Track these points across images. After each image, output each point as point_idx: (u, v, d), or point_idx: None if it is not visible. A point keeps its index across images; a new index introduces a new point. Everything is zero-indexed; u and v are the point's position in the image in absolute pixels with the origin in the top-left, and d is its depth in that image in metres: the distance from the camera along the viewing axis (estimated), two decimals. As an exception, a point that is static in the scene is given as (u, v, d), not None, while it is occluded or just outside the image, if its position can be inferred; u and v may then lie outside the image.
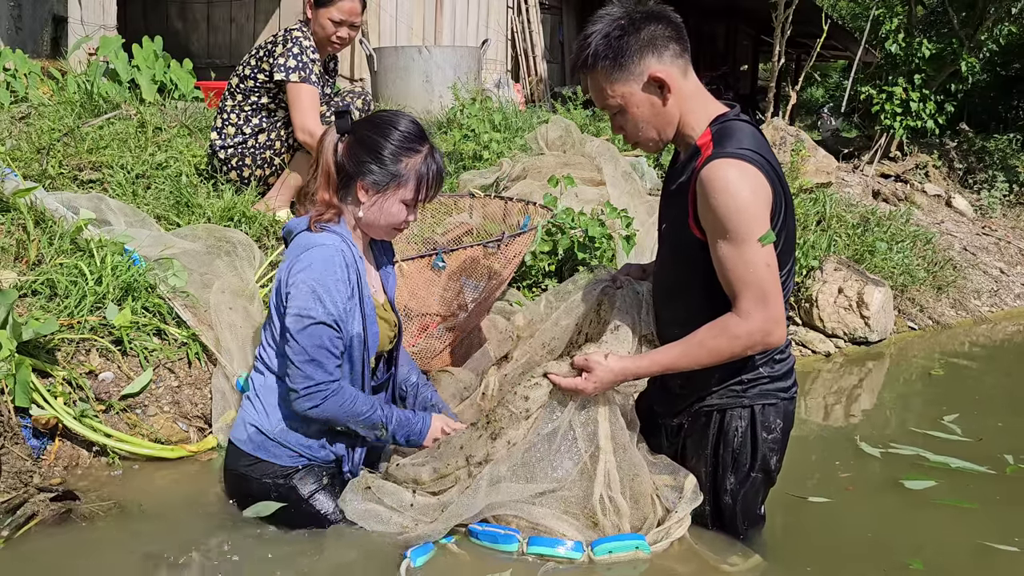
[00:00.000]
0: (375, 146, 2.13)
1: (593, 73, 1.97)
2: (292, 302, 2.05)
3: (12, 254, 2.81)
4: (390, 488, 2.10)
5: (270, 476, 2.15)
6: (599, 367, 1.97)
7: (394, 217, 2.18)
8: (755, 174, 1.84)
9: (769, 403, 2.06)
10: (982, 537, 2.44)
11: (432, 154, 2.18)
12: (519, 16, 9.71)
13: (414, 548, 1.96)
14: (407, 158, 2.14)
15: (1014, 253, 7.87)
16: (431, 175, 2.17)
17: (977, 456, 3.09)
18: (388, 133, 2.13)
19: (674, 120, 1.98)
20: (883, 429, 3.69)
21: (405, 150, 2.14)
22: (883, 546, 2.37)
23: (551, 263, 3.79)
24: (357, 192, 2.15)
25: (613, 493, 2.02)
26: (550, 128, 5.07)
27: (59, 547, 2.03)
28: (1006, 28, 9.97)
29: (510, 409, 2.04)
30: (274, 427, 2.15)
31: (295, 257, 2.10)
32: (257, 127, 3.62)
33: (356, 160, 2.14)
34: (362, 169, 2.13)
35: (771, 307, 1.87)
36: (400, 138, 2.14)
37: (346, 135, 2.18)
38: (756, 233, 1.82)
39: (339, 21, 3.49)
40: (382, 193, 2.14)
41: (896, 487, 2.82)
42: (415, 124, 2.19)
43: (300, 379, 2.05)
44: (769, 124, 7.31)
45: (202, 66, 7.02)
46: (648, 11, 1.95)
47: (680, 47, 1.95)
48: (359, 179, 2.14)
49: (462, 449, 2.07)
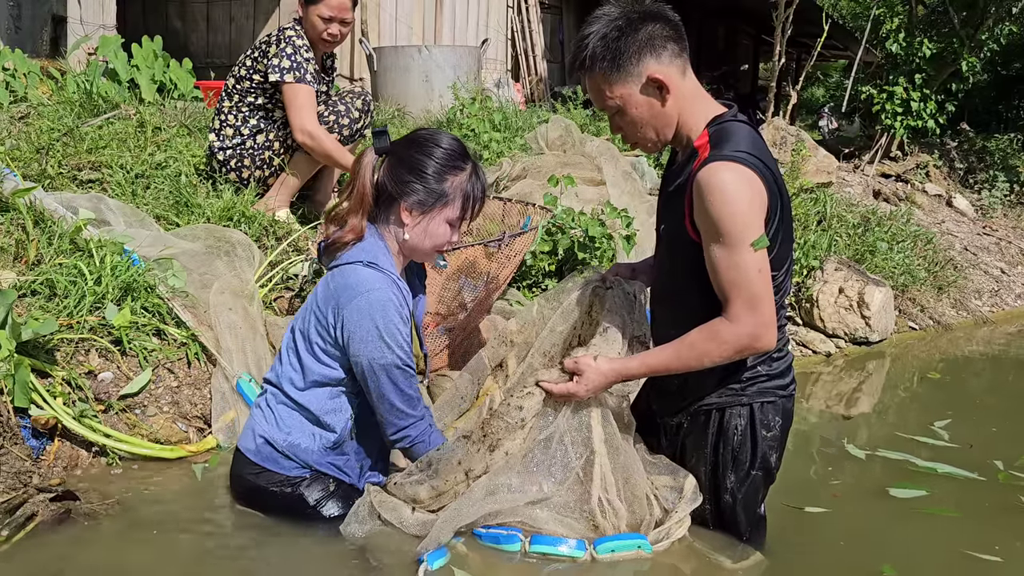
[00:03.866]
0: (419, 165, 2.07)
1: (591, 75, 1.96)
2: (361, 350, 2.02)
3: (11, 254, 2.81)
4: (390, 504, 2.06)
5: (277, 484, 2.14)
6: (589, 370, 1.97)
7: (439, 238, 2.12)
8: (751, 177, 1.83)
9: (768, 401, 2.05)
10: (964, 546, 2.40)
11: (476, 171, 2.13)
12: (519, 16, 9.70)
13: (430, 552, 1.94)
14: (452, 176, 2.08)
15: (1015, 253, 7.86)
16: (476, 192, 2.12)
17: (969, 462, 3.06)
18: (431, 151, 2.08)
19: (673, 121, 1.97)
20: (876, 433, 3.67)
21: (450, 168, 2.08)
22: (858, 553, 2.34)
23: (551, 263, 3.78)
24: (400, 214, 2.09)
25: (610, 496, 2.01)
26: (550, 128, 5.07)
27: (59, 547, 2.03)
28: (1007, 28, 9.96)
29: (506, 420, 2.02)
30: (283, 441, 2.13)
31: (348, 299, 2.03)
32: (255, 128, 3.61)
33: (399, 180, 2.08)
34: (406, 189, 2.08)
35: (761, 312, 1.86)
36: (444, 156, 2.08)
37: (385, 155, 2.13)
38: (749, 238, 1.82)
39: (328, 18, 3.48)
40: (427, 214, 2.09)
41: (882, 495, 2.78)
42: (457, 142, 2.14)
43: (388, 427, 2.09)
44: (770, 124, 7.30)
45: (202, 66, 7.01)
46: (645, 11, 1.93)
47: (678, 47, 1.94)
48: (402, 200, 2.08)
49: (460, 464, 2.03)
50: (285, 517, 2.15)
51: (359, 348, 2.02)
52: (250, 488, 2.19)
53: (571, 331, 2.21)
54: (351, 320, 2.01)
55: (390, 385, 2.04)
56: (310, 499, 2.13)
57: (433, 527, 1.97)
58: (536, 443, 2.03)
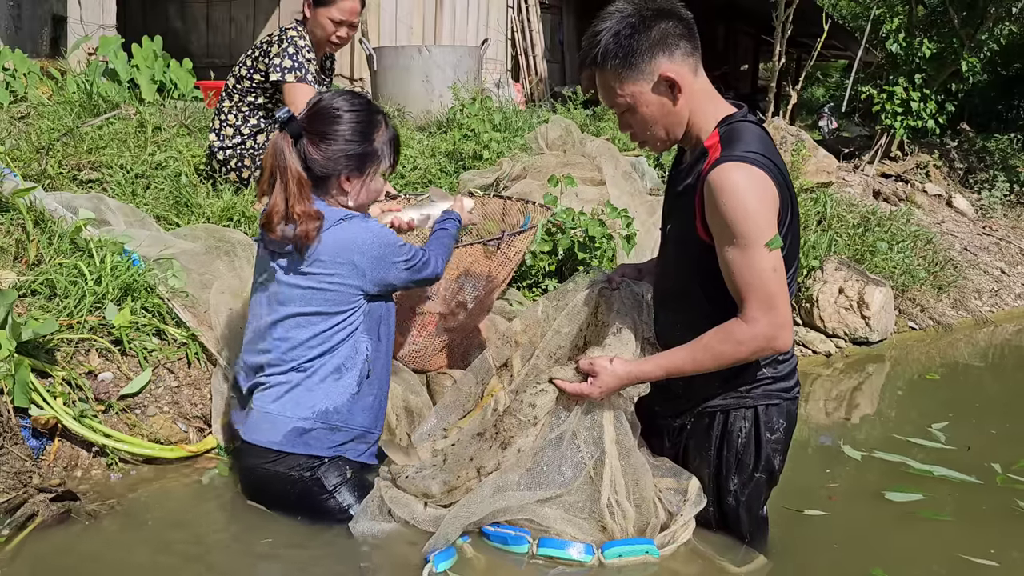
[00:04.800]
0: (342, 135, 2.11)
1: (602, 71, 1.93)
2: (387, 271, 2.14)
3: (11, 254, 2.81)
4: (402, 499, 2.07)
5: (296, 469, 2.12)
6: (604, 371, 1.95)
7: (377, 193, 2.24)
8: (763, 178, 1.82)
9: (772, 403, 2.04)
10: (960, 550, 2.38)
11: (385, 118, 2.21)
12: (519, 16, 9.70)
13: (437, 552, 1.94)
14: (376, 133, 2.16)
15: (1015, 253, 7.86)
16: (394, 134, 2.22)
17: (967, 465, 3.03)
18: (343, 117, 2.12)
19: (684, 120, 1.95)
20: (874, 434, 3.65)
21: (370, 125, 2.15)
22: (853, 557, 2.33)
23: (551, 263, 3.78)
24: (341, 184, 2.15)
25: (619, 497, 2.00)
26: (550, 128, 5.07)
27: (59, 547, 2.03)
28: (1007, 28, 9.96)
29: (518, 417, 2.02)
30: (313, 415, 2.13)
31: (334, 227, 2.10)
32: (255, 127, 3.61)
33: (329, 157, 2.11)
34: (340, 162, 2.12)
35: (777, 312, 1.84)
36: (358, 117, 2.14)
37: (301, 137, 2.13)
38: (763, 238, 1.80)
39: (339, 21, 3.48)
40: (364, 175, 2.16)
41: (879, 498, 2.76)
42: (357, 96, 2.20)
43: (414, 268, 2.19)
44: (770, 124, 7.30)
45: (202, 66, 7.01)
46: (659, 8, 1.90)
47: (691, 45, 1.92)
48: (340, 173, 2.13)
49: (472, 461, 2.04)
50: (296, 509, 2.14)
51: (384, 272, 2.13)
52: (264, 478, 2.17)
53: (577, 333, 2.20)
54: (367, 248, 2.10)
55: (412, 276, 2.19)
56: (328, 484, 2.12)
57: (442, 523, 1.97)
58: (547, 441, 2.02)
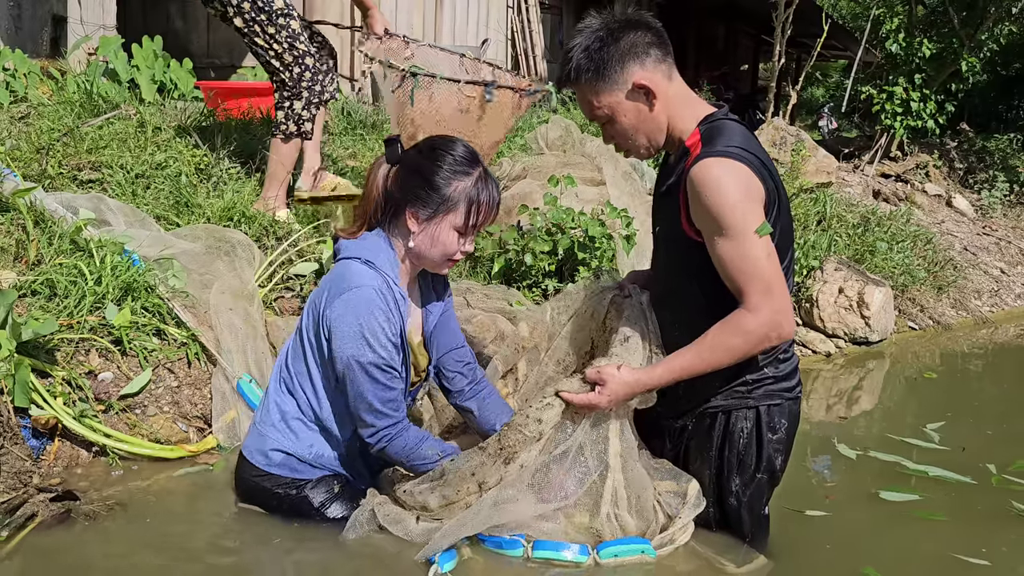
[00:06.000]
0: (424, 170, 2.05)
1: (579, 86, 1.98)
2: (342, 346, 1.98)
3: (11, 254, 2.81)
4: (395, 516, 2.04)
5: (281, 487, 2.15)
6: (612, 380, 1.92)
7: (447, 247, 2.07)
8: (744, 170, 1.83)
9: (774, 404, 2.05)
10: (954, 549, 2.38)
11: (485, 177, 2.07)
12: (519, 16, 9.70)
13: (441, 553, 1.93)
14: (457, 182, 2.04)
15: (1014, 253, 7.86)
16: (483, 198, 2.05)
17: (963, 465, 3.03)
18: (440, 157, 2.06)
19: (663, 125, 1.97)
20: (872, 434, 3.65)
21: (456, 173, 2.04)
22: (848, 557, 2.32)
23: (551, 263, 3.78)
24: (407, 221, 2.07)
25: (619, 511, 1.99)
26: (550, 128, 5.07)
27: (59, 547, 2.03)
28: (1006, 28, 9.97)
29: (524, 432, 1.96)
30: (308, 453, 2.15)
31: (335, 295, 2.01)
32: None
33: (404, 186, 2.07)
34: (410, 195, 2.06)
35: (777, 298, 1.84)
36: (452, 162, 2.05)
37: (396, 165, 2.12)
38: (752, 226, 1.81)
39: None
40: (432, 220, 2.05)
41: (875, 498, 2.75)
42: (467, 148, 2.11)
43: (364, 427, 2.05)
44: (770, 124, 7.30)
45: (202, 66, 7.01)
46: (626, 19, 1.95)
47: (662, 51, 1.95)
48: (408, 206, 2.06)
49: (474, 476, 1.98)
50: (289, 517, 2.15)
51: (339, 344, 1.99)
52: (253, 489, 2.20)
53: (586, 339, 2.19)
54: (335, 313, 2.00)
55: (369, 384, 2.00)
56: (315, 501, 2.13)
57: (433, 538, 1.95)
58: (553, 457, 1.97)
